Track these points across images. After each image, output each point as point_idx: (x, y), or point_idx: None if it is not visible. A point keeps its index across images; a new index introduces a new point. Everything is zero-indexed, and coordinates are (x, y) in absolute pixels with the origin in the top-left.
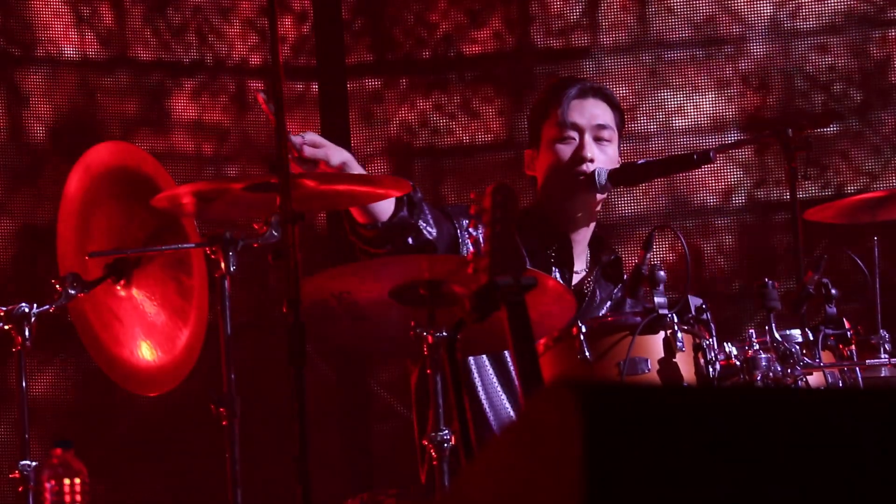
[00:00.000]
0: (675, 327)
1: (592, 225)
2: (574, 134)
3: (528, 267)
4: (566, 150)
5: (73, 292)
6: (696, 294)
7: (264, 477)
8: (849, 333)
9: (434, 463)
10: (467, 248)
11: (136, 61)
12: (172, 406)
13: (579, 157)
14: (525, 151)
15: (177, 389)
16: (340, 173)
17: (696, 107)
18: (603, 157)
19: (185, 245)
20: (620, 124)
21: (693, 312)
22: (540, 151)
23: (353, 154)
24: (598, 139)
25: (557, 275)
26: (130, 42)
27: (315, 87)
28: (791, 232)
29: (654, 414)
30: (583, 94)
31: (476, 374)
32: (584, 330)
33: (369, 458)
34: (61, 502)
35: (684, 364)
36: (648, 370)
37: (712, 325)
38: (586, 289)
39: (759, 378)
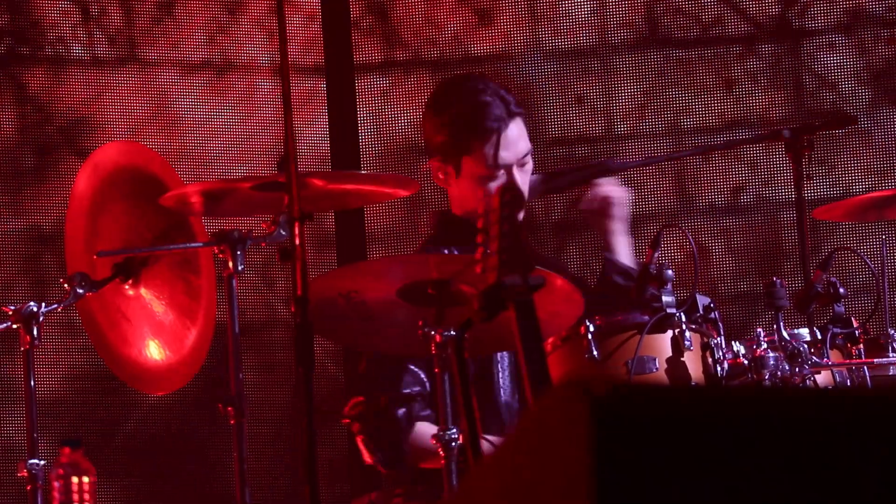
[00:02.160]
0: (683, 326)
1: None
2: (501, 171)
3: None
4: (494, 187)
5: (81, 291)
6: (704, 293)
7: (272, 476)
8: (857, 332)
9: (442, 462)
10: None
11: (144, 60)
12: (180, 405)
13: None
14: (431, 162)
15: (185, 389)
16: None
17: (704, 106)
18: (525, 179)
19: (194, 244)
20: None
21: (701, 311)
22: (460, 178)
23: (361, 153)
24: (521, 165)
25: None
26: (138, 41)
27: (323, 85)
28: (799, 231)
29: (662, 413)
30: (505, 122)
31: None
32: (591, 329)
33: None
34: (69, 501)
35: (692, 363)
36: (656, 369)
37: (720, 324)
38: None
39: (767, 377)
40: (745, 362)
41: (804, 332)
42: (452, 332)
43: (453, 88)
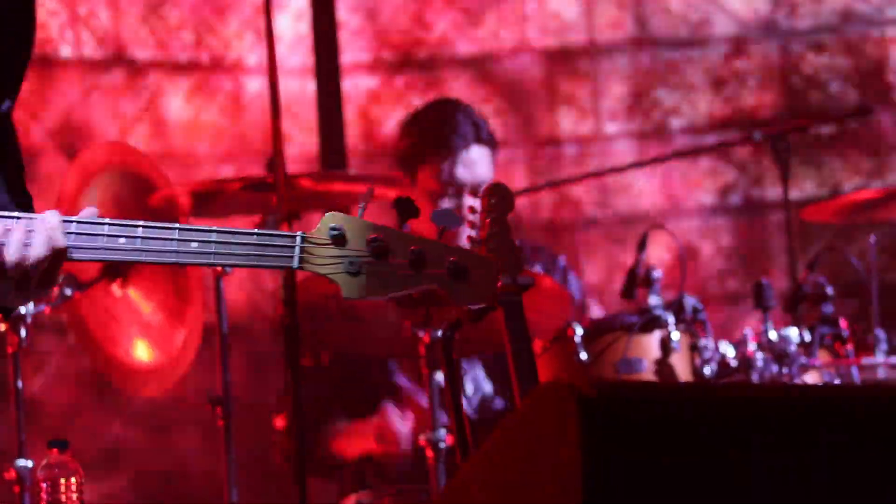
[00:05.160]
0: (671, 327)
1: None
2: (453, 190)
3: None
4: (447, 205)
5: (69, 292)
6: (692, 294)
7: (260, 475)
8: (845, 333)
9: (430, 462)
10: None
11: (132, 60)
12: (169, 406)
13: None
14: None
15: (173, 389)
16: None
17: (692, 106)
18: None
19: None
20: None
21: (689, 312)
22: (414, 189)
23: (349, 154)
24: (473, 192)
25: None
26: (127, 41)
27: (311, 86)
28: (786, 231)
29: (650, 411)
30: (469, 143)
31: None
32: (580, 331)
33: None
34: (57, 502)
35: (680, 364)
36: (644, 370)
37: (708, 325)
38: None
39: (755, 377)
40: (733, 363)
41: (792, 332)
42: (441, 333)
43: (431, 105)
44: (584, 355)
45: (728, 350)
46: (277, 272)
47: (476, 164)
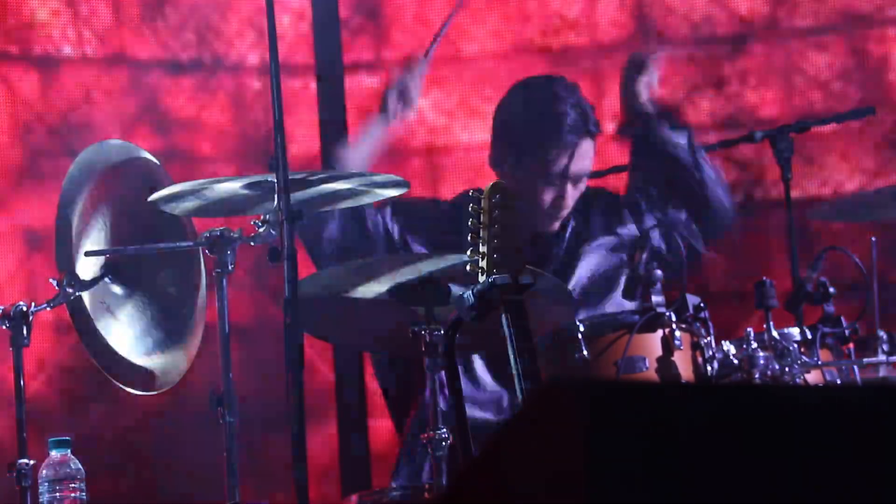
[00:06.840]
0: (673, 326)
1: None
2: (558, 181)
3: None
4: (550, 194)
5: (70, 291)
6: (694, 292)
7: (262, 475)
8: (847, 332)
9: (432, 462)
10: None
11: (134, 60)
12: (171, 405)
13: (560, 206)
14: (493, 140)
15: (175, 388)
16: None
17: (694, 105)
18: (575, 196)
19: (183, 244)
20: None
21: (691, 311)
22: (516, 170)
23: (350, 153)
24: (575, 182)
25: None
26: (128, 41)
27: (313, 85)
28: (788, 231)
29: (655, 411)
30: (578, 138)
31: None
32: (581, 329)
33: (366, 458)
34: (59, 502)
35: (682, 362)
36: (646, 369)
37: (710, 324)
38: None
39: (756, 376)
40: (735, 361)
41: (794, 331)
42: (442, 332)
43: (539, 86)
44: (585, 353)
45: (730, 349)
46: (279, 271)
47: (584, 156)
